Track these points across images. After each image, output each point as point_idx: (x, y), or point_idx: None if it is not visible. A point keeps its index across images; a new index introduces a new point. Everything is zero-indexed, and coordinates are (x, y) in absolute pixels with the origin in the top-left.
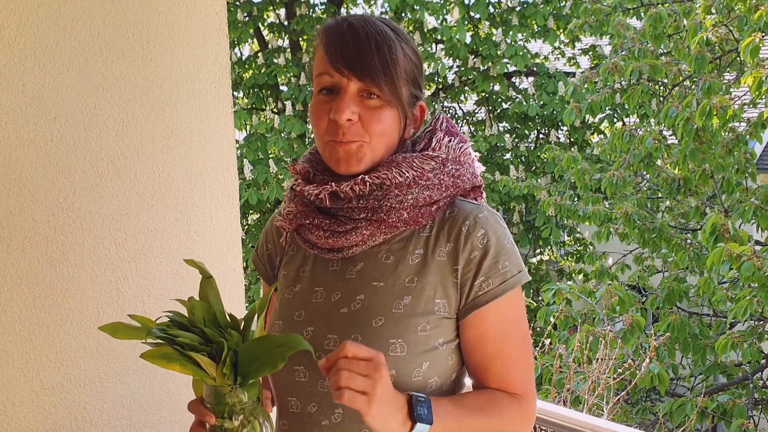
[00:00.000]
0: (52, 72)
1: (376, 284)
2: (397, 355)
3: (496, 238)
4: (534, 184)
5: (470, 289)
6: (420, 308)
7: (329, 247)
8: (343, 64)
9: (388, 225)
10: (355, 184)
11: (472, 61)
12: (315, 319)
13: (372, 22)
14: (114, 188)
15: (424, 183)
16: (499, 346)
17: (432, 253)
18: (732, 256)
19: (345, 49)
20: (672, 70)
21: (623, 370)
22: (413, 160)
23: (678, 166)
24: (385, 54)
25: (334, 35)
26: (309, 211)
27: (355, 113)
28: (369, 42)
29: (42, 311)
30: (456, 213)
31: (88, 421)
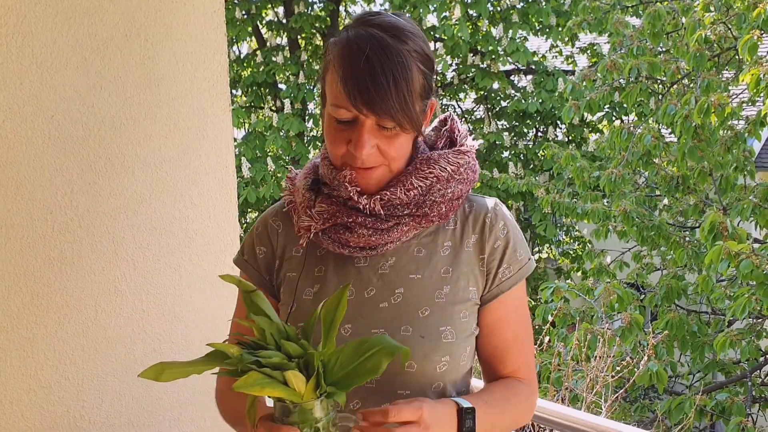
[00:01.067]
0: (50, 70)
1: (414, 277)
2: (449, 341)
3: (513, 229)
4: (532, 181)
5: (495, 276)
6: (459, 296)
7: (364, 246)
8: (362, 104)
9: (428, 219)
10: (408, 190)
11: (472, 58)
12: (350, 316)
13: (388, 48)
14: (112, 186)
15: (459, 177)
16: (516, 329)
17: (460, 244)
18: (730, 254)
19: (364, 91)
20: (670, 67)
21: (621, 368)
22: (449, 156)
23: (676, 164)
24: (402, 90)
25: (351, 70)
26: (346, 210)
27: (374, 146)
28: (387, 80)
29: (40, 309)
30: (476, 207)
31: (86, 420)
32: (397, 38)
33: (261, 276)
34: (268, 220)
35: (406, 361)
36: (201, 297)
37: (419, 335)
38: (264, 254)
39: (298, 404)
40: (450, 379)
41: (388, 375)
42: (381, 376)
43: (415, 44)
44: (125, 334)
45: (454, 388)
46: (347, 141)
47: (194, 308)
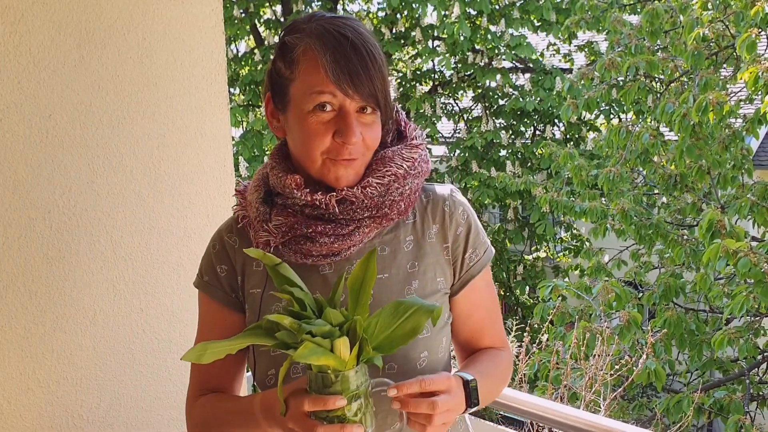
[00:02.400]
0: (48, 69)
1: (381, 276)
2: (425, 336)
3: (472, 214)
4: (530, 180)
5: (462, 263)
6: (428, 289)
7: (327, 253)
8: (354, 89)
9: (388, 219)
10: (364, 187)
11: (471, 57)
12: None
13: (364, 34)
14: (110, 186)
15: (414, 172)
16: (489, 307)
17: (422, 236)
18: (728, 252)
19: (355, 74)
20: (668, 66)
21: (620, 366)
22: (402, 152)
23: (674, 162)
24: (384, 74)
25: (337, 55)
26: (305, 220)
27: (360, 133)
28: (372, 63)
29: (38, 309)
30: (432, 196)
31: (84, 419)
32: (365, 30)
33: (226, 295)
34: (223, 237)
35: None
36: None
37: None
38: (226, 272)
39: (340, 372)
40: (430, 372)
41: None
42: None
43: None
44: (124, 334)
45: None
46: (332, 133)
47: (193, 307)
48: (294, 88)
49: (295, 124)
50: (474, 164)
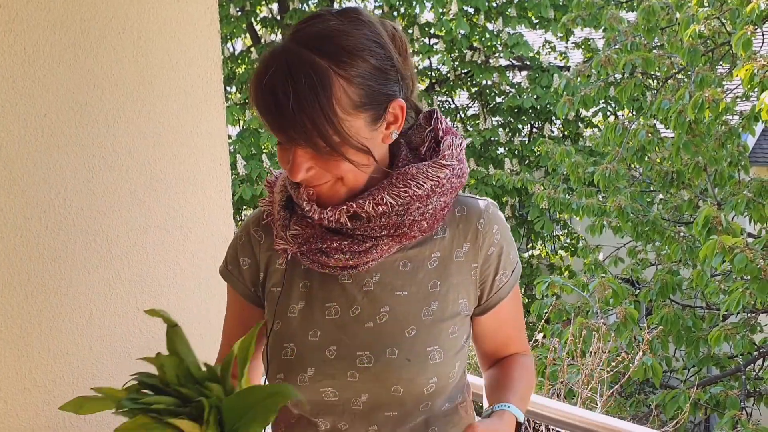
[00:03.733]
0: (42, 68)
1: (399, 294)
2: (437, 362)
3: (505, 232)
4: (527, 177)
5: (492, 285)
6: (448, 311)
7: (344, 266)
8: (272, 128)
9: (409, 237)
10: (376, 204)
11: (469, 55)
12: (336, 336)
13: (297, 66)
14: (105, 185)
15: (440, 191)
16: (514, 321)
17: (450, 255)
18: (725, 248)
19: (272, 121)
20: (665, 63)
21: (617, 363)
22: (428, 170)
23: (671, 159)
24: (312, 111)
25: (257, 98)
26: (321, 233)
27: (311, 168)
28: (289, 102)
29: (34, 308)
30: (466, 211)
31: (81, 419)
32: (319, 50)
33: (246, 288)
34: (250, 230)
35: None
36: (196, 295)
37: (405, 358)
38: (248, 266)
39: None
40: (439, 397)
41: (374, 399)
42: (368, 399)
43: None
44: (120, 333)
45: (444, 402)
46: (287, 162)
47: (189, 306)
48: None
49: None
50: (472, 162)
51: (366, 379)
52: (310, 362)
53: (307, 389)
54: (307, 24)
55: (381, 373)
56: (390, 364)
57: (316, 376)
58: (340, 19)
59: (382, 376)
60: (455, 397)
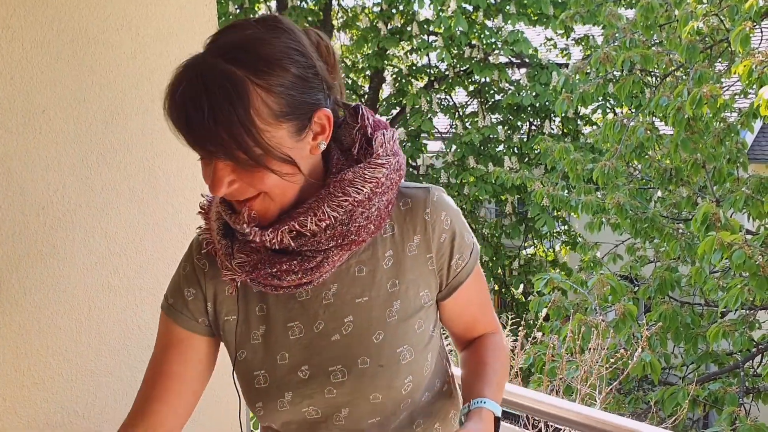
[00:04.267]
0: (41, 65)
1: (360, 300)
2: (409, 361)
3: (455, 216)
4: (527, 175)
5: (449, 271)
6: (411, 308)
7: (298, 285)
8: (188, 141)
9: (358, 243)
10: (319, 219)
11: (468, 52)
12: (305, 355)
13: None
14: (104, 181)
15: (381, 190)
16: (479, 301)
17: (402, 251)
18: (723, 244)
19: (188, 135)
20: (663, 60)
21: (615, 359)
22: (365, 173)
23: (669, 156)
24: (233, 123)
25: (171, 112)
26: (269, 257)
27: (234, 181)
28: (207, 116)
29: (32, 305)
30: (411, 204)
31: (80, 416)
32: (235, 60)
33: (192, 320)
34: (193, 260)
35: None
36: None
37: (378, 365)
38: (194, 297)
39: None
40: (417, 392)
41: (355, 410)
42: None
43: (270, 60)
44: (119, 330)
45: (423, 393)
46: (209, 177)
47: None
48: None
49: None
50: (471, 159)
51: (344, 393)
52: (286, 387)
53: (288, 413)
54: (224, 34)
55: (357, 385)
56: (364, 374)
57: (295, 398)
58: (258, 27)
59: (359, 388)
60: (433, 385)
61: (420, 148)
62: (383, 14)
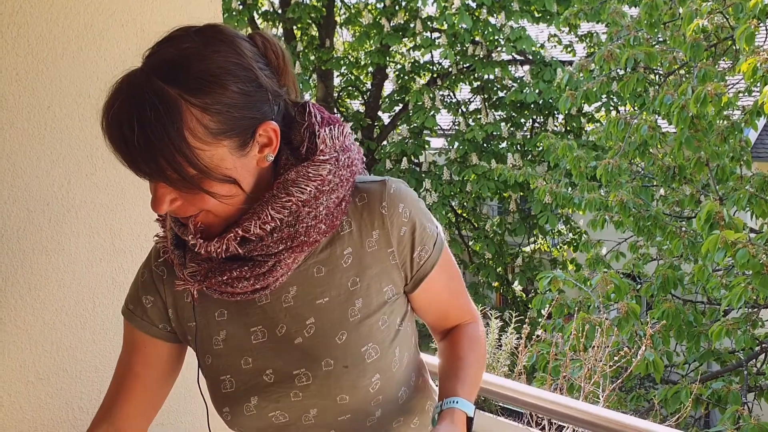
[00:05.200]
0: (46, 60)
1: (321, 301)
2: (374, 359)
3: (414, 207)
4: (529, 172)
5: (412, 263)
6: (374, 305)
7: (253, 291)
8: (123, 161)
9: (310, 244)
10: (263, 223)
11: (471, 49)
12: (269, 359)
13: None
14: (109, 178)
15: (329, 188)
16: (449, 291)
17: (362, 247)
18: (727, 243)
19: (122, 155)
20: (667, 57)
21: (619, 357)
22: (308, 171)
23: (673, 154)
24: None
25: (106, 131)
26: (219, 265)
27: (176, 200)
28: (137, 137)
29: (37, 301)
30: (366, 198)
31: (84, 411)
32: (168, 79)
33: (152, 326)
34: (152, 266)
35: None
36: None
37: (342, 366)
38: (152, 304)
39: None
40: (387, 389)
41: (323, 411)
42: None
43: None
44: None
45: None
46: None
47: None
48: None
49: None
50: (474, 156)
51: (310, 396)
52: (252, 391)
53: (255, 417)
54: (161, 47)
55: (322, 387)
56: (329, 377)
57: (261, 403)
58: (197, 40)
59: (324, 390)
60: (409, 380)
61: (422, 145)
62: (386, 10)
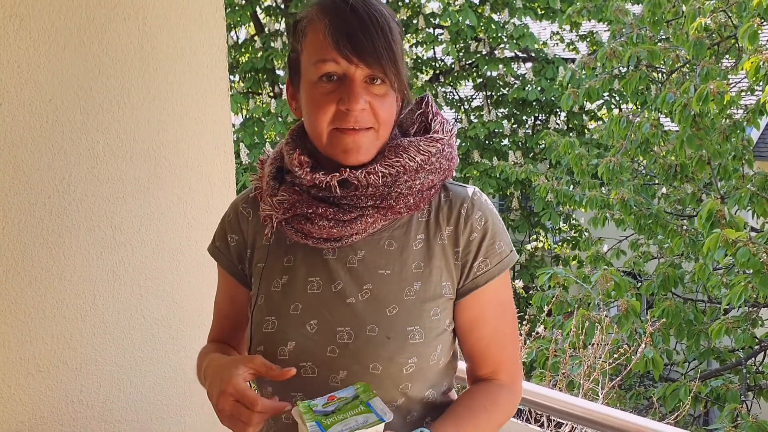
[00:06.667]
0: (47, 53)
1: (383, 272)
2: (417, 342)
3: (492, 220)
4: (531, 169)
5: (470, 270)
6: (430, 293)
7: (327, 237)
8: (353, 53)
9: (395, 211)
10: (368, 173)
11: (474, 46)
12: (316, 311)
13: (371, 3)
14: (110, 171)
15: (429, 167)
16: (496, 325)
17: (434, 237)
18: (728, 241)
19: (354, 37)
20: (670, 56)
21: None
22: (419, 144)
23: (675, 152)
24: (389, 38)
25: (337, 20)
26: (307, 199)
27: (367, 102)
28: (375, 27)
29: (38, 294)
30: (452, 196)
31: (84, 404)
32: (377, 1)
33: (233, 265)
34: (238, 207)
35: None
36: (199, 282)
37: (385, 336)
38: (236, 242)
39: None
40: (418, 379)
41: (352, 376)
42: (346, 376)
43: (392, 13)
44: (123, 319)
45: (426, 388)
46: (336, 100)
47: (192, 294)
48: (303, 60)
49: (304, 97)
50: (475, 154)
51: (345, 355)
52: (291, 336)
53: (286, 363)
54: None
55: (360, 349)
56: (370, 342)
57: (296, 350)
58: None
59: (361, 353)
60: (440, 385)
61: None
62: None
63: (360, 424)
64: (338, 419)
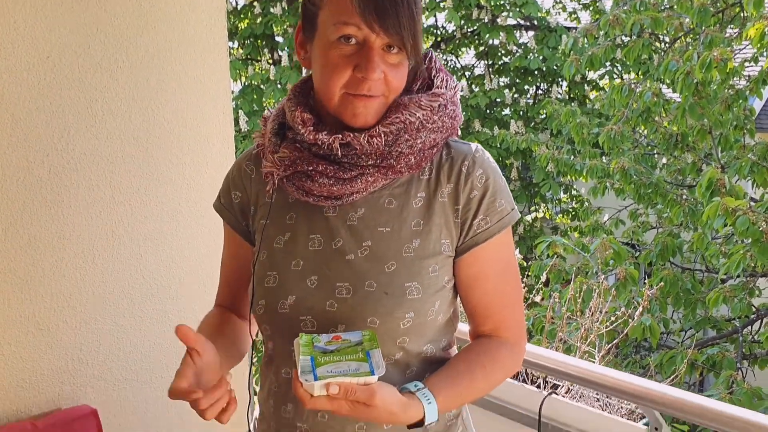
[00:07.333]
0: (44, 9)
1: (383, 230)
2: (414, 297)
3: (493, 177)
4: (532, 138)
5: (469, 227)
6: (429, 250)
7: (327, 195)
8: (377, 21)
9: (395, 171)
10: (371, 136)
11: (476, 13)
12: (317, 267)
13: None
14: (108, 130)
15: (431, 126)
16: (496, 284)
17: (434, 195)
18: (727, 210)
19: (380, 5)
20: (673, 23)
21: (616, 318)
22: (420, 101)
23: (676, 122)
24: (412, 10)
25: None
26: (308, 157)
27: (382, 71)
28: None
29: (37, 252)
30: (453, 154)
31: (84, 362)
32: None
33: (238, 221)
34: (242, 165)
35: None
36: (197, 242)
37: (383, 292)
38: (239, 199)
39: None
40: (415, 334)
41: (351, 328)
42: (345, 328)
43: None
44: (122, 279)
45: (425, 343)
46: (353, 66)
47: (191, 253)
48: (321, 17)
49: (318, 54)
50: (476, 123)
51: (344, 310)
52: (291, 290)
53: (286, 316)
54: None
55: (358, 304)
56: (368, 297)
57: (296, 304)
58: None
59: (359, 308)
60: (438, 341)
61: None
62: None
63: (350, 370)
64: (332, 360)
